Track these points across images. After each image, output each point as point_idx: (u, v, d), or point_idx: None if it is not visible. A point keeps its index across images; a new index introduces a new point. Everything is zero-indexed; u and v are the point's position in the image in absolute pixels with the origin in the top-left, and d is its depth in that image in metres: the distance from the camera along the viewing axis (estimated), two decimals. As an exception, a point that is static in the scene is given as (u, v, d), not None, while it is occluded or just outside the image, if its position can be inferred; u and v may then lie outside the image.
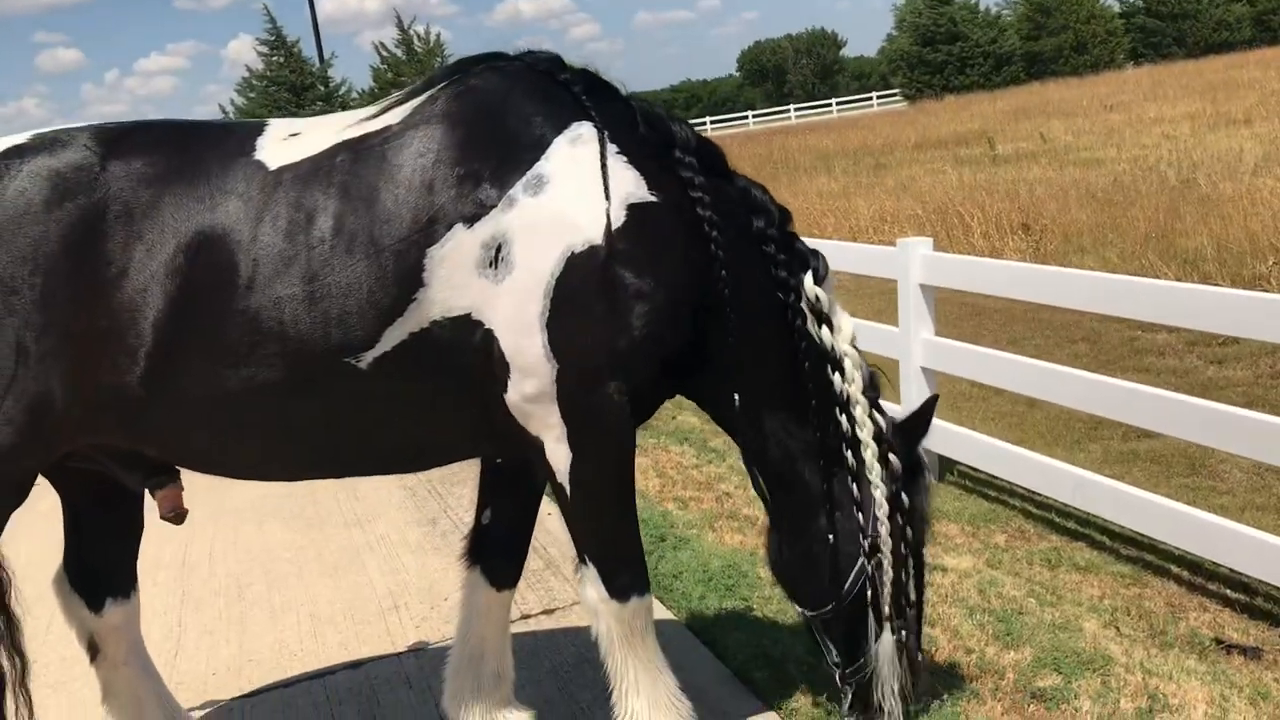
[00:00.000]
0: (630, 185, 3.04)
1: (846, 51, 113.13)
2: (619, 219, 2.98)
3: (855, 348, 3.32)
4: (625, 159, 3.06)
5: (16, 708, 3.31)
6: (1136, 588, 4.81)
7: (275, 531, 6.38)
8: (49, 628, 4.95)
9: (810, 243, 3.45)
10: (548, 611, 4.85)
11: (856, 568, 3.32)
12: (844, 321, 3.31)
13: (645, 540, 5.37)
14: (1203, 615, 4.51)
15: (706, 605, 4.69)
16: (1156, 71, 41.35)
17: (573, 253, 2.95)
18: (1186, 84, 32.15)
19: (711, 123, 66.54)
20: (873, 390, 3.36)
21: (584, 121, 3.08)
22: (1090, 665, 3.96)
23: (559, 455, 3.09)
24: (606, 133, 3.06)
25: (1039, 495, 5.83)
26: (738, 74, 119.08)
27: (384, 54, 46.11)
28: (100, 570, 3.49)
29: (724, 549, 5.32)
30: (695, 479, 6.66)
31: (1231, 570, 4.70)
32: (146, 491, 3.62)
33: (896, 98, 63.06)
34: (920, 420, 3.48)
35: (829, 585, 3.36)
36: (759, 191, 3.34)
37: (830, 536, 3.33)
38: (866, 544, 3.30)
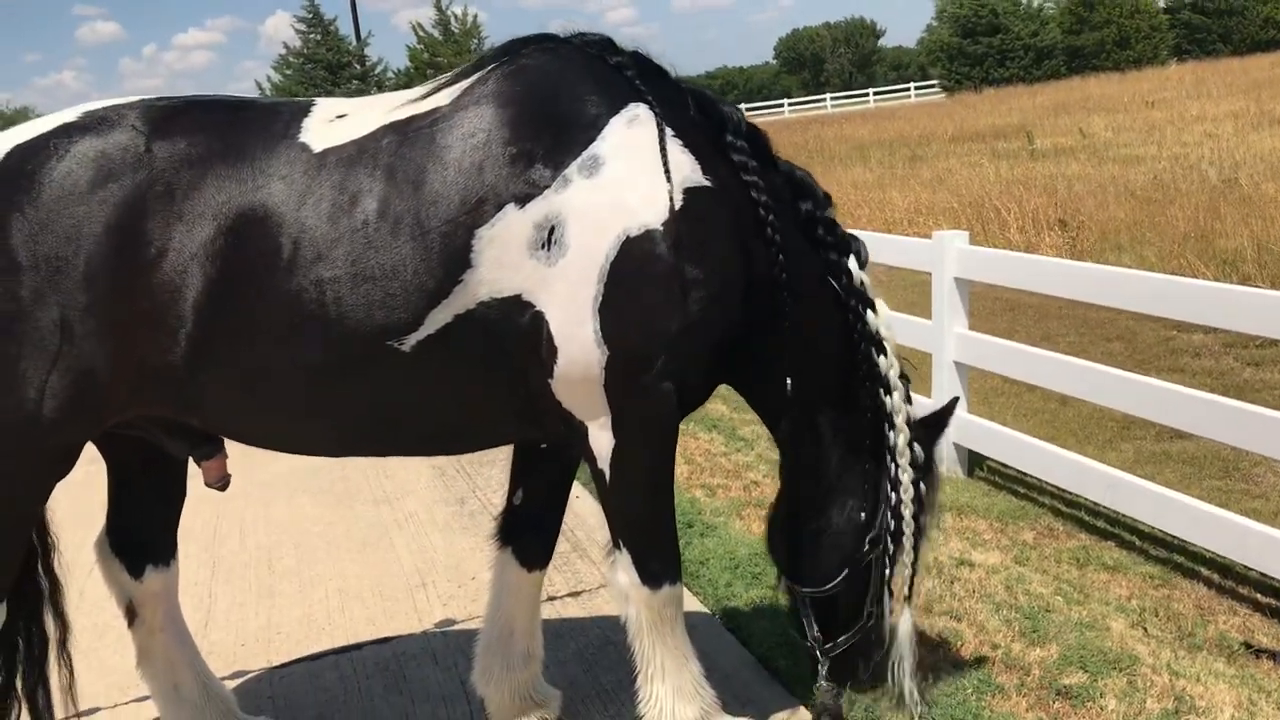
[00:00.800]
0: (687, 169, 3.01)
1: (885, 41, 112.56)
2: (678, 202, 2.95)
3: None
4: (681, 142, 3.04)
5: (59, 670, 3.40)
6: (1165, 589, 4.78)
7: (305, 506, 6.45)
8: (81, 594, 5.03)
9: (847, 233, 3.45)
10: (574, 594, 4.88)
11: (866, 549, 3.38)
12: (880, 307, 3.32)
13: (672, 526, 5.42)
14: (1232, 618, 4.49)
15: (733, 592, 4.71)
16: (1200, 69, 40.80)
17: (629, 237, 2.92)
18: (1231, 82, 31.73)
19: (747, 110, 65.88)
20: (904, 378, 3.38)
21: (639, 103, 3.05)
22: (1117, 665, 3.94)
23: (602, 441, 3.09)
24: (662, 113, 3.04)
25: (1069, 493, 5.81)
26: (774, 61, 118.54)
27: (421, 34, 46.27)
28: (142, 536, 3.53)
29: (751, 537, 5.32)
30: (723, 466, 6.67)
31: (1262, 574, 4.67)
32: (190, 460, 3.66)
33: (934, 89, 62.58)
34: (941, 419, 3.55)
35: (839, 564, 3.41)
36: (804, 175, 3.33)
37: (857, 516, 3.38)
38: (881, 528, 3.36)
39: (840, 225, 3.34)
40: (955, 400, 3.61)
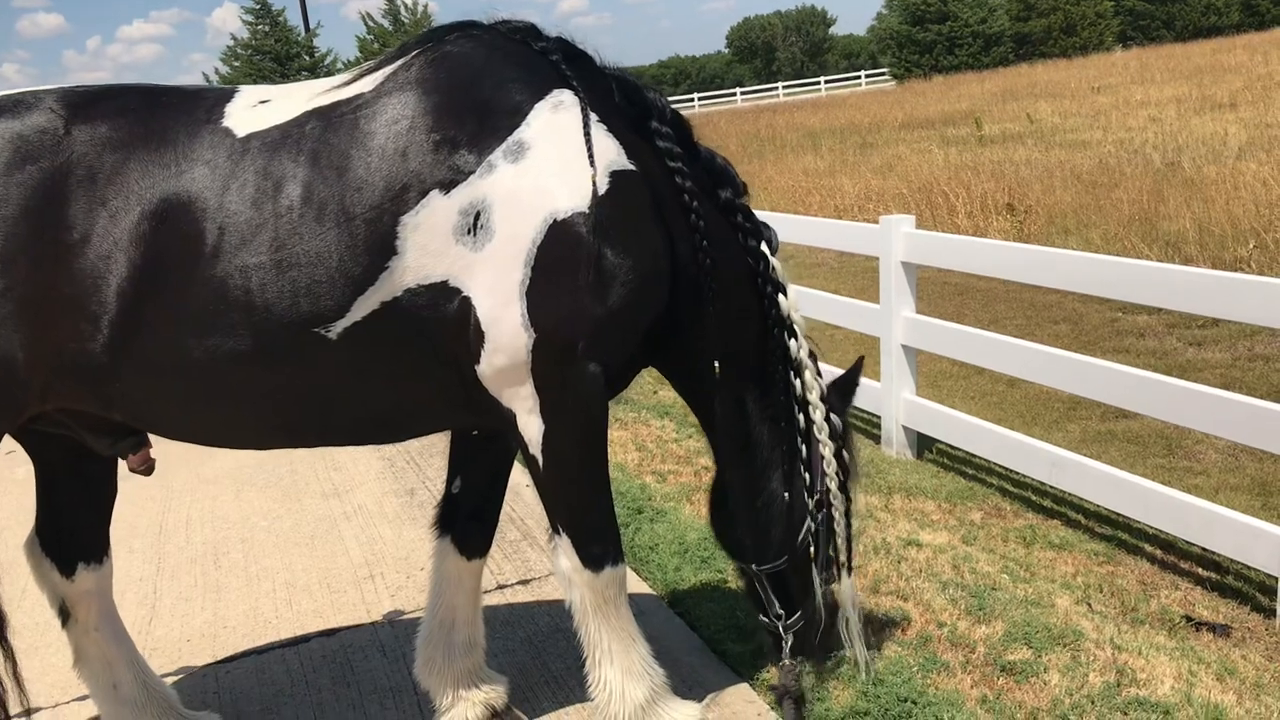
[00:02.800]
0: (612, 153, 3.01)
1: (836, 30, 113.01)
2: (602, 187, 2.95)
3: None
4: (606, 127, 3.04)
5: (4, 663, 3.35)
6: (1109, 565, 4.85)
7: (253, 500, 6.37)
8: (24, 592, 4.94)
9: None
10: (523, 582, 4.85)
11: (807, 522, 3.44)
12: (790, 289, 3.40)
13: (622, 513, 5.42)
14: (1174, 593, 4.56)
15: (681, 577, 4.70)
16: (1145, 54, 41.32)
17: (555, 220, 2.91)
18: (1174, 67, 32.18)
19: (700, 99, 66.32)
20: (813, 355, 3.49)
21: (564, 89, 3.04)
22: (1061, 640, 3.98)
23: (531, 426, 3.07)
24: (587, 98, 3.04)
25: (1016, 473, 5.87)
26: (727, 50, 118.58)
27: (370, 24, 45.81)
28: (72, 535, 3.47)
29: (700, 522, 5.32)
30: (675, 453, 6.67)
31: (1203, 549, 4.75)
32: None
33: (885, 77, 63.00)
34: (851, 381, 3.65)
35: (783, 540, 3.47)
36: (722, 162, 3.36)
37: (786, 494, 3.44)
38: (814, 499, 3.43)
39: (753, 213, 3.40)
40: (861, 360, 3.73)
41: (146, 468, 3.47)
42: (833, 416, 3.47)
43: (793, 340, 3.35)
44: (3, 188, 2.79)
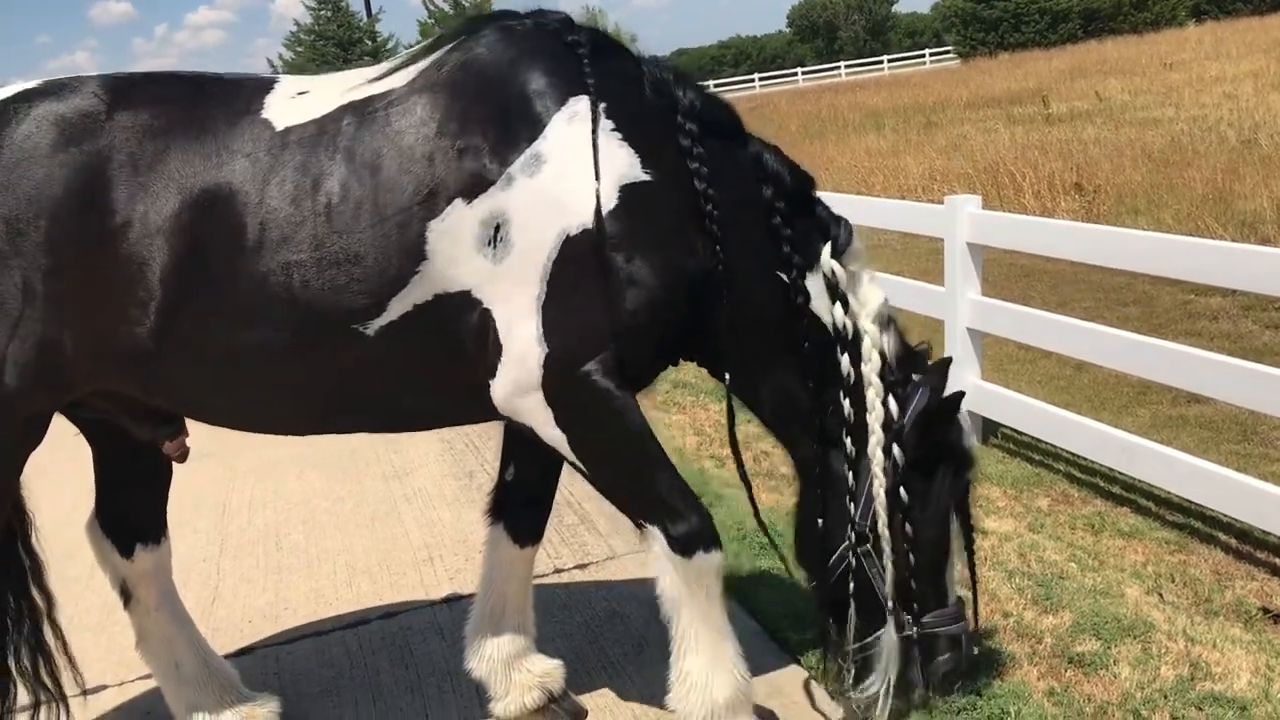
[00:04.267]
0: (623, 165, 2.93)
1: (899, 8, 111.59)
2: (610, 201, 2.89)
3: (888, 323, 3.17)
4: (620, 135, 2.96)
5: (53, 638, 3.43)
6: (1182, 554, 4.72)
7: (314, 482, 6.43)
8: (92, 572, 5.02)
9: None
10: (581, 566, 4.84)
11: (838, 554, 3.22)
12: (869, 294, 3.14)
13: (681, 497, 5.36)
14: (1249, 583, 4.42)
15: (740, 563, 4.65)
16: (1219, 29, 40.15)
17: (567, 236, 2.88)
18: (1251, 41, 31.23)
19: (760, 80, 65.80)
20: (904, 371, 3.18)
21: (581, 96, 2.97)
22: (1131, 632, 3.88)
23: (553, 438, 3.05)
24: (603, 105, 2.96)
25: (1084, 459, 5.73)
26: (788, 30, 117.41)
27: (432, 8, 46.03)
28: (130, 516, 3.53)
29: (760, 508, 5.25)
30: (733, 437, 6.60)
31: (1281, 539, 4.60)
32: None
33: (950, 55, 61.88)
34: (941, 412, 3.19)
35: (816, 564, 3.31)
36: (772, 157, 3.17)
37: (818, 518, 3.24)
38: (854, 533, 3.17)
39: (819, 206, 3.19)
40: (961, 395, 3.26)
41: (181, 454, 3.54)
42: (895, 448, 3.12)
43: (845, 356, 3.11)
44: (48, 170, 2.83)
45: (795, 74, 67.84)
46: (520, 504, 3.60)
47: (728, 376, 3.17)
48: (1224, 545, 4.77)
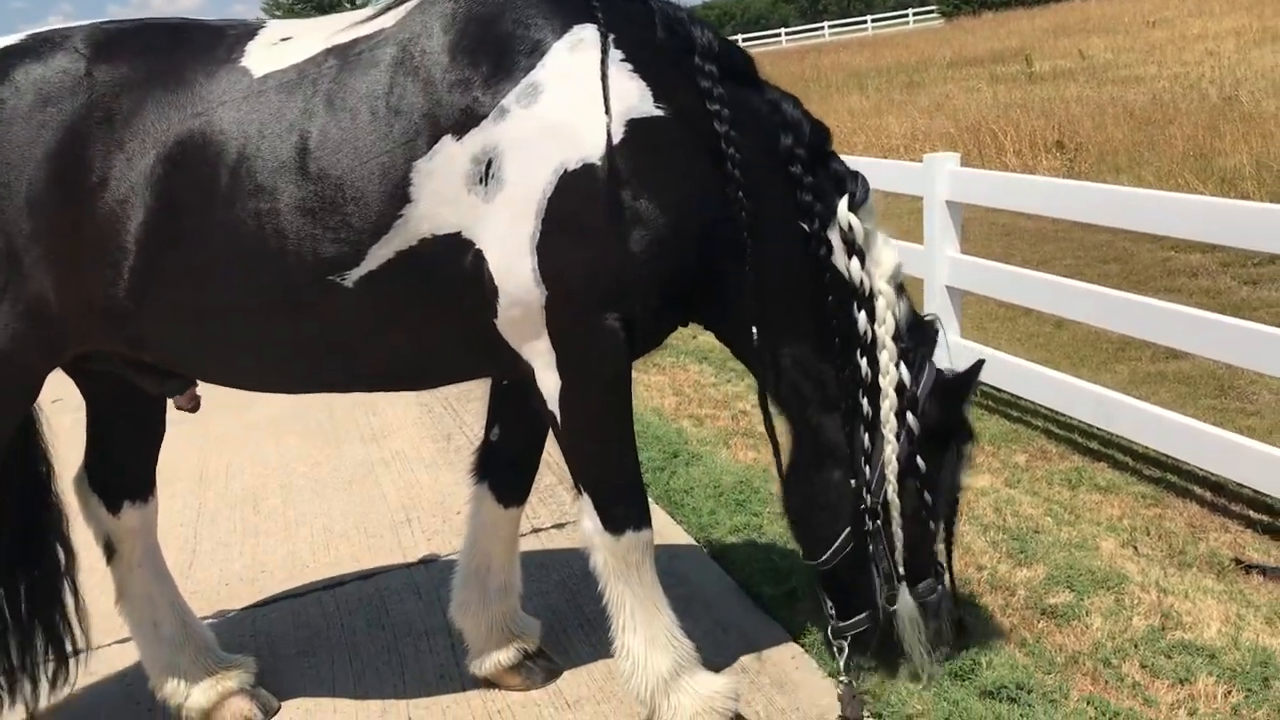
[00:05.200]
0: (634, 98, 2.80)
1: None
2: (619, 135, 2.76)
3: (900, 289, 3.08)
4: (631, 67, 2.83)
5: (72, 594, 3.50)
6: (1157, 508, 4.73)
7: (293, 446, 6.40)
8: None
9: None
10: (559, 525, 4.83)
11: (852, 524, 3.14)
12: (884, 255, 3.03)
13: (658, 457, 5.38)
14: (1223, 535, 4.44)
15: (716, 520, 4.65)
16: (1203, -13, 40.03)
17: (566, 170, 2.75)
18: (1234, -1, 31.15)
19: (743, 39, 65.30)
20: (913, 339, 3.10)
21: (588, 24, 2.84)
22: (1104, 583, 3.89)
23: (549, 382, 2.95)
24: (613, 37, 2.83)
25: (1062, 415, 5.74)
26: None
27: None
28: (120, 473, 3.50)
29: (737, 465, 5.27)
30: (713, 397, 6.60)
31: (1255, 491, 4.62)
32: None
33: (933, 14, 61.56)
34: (963, 382, 3.14)
35: (824, 536, 3.20)
36: (791, 105, 3.03)
37: (831, 488, 3.15)
38: (868, 501, 3.11)
39: (835, 160, 3.08)
40: (981, 362, 3.16)
41: (193, 405, 3.53)
42: (910, 416, 3.04)
43: (863, 313, 3.00)
44: (27, 131, 2.80)
45: (779, 35, 67.38)
46: (504, 465, 3.55)
47: (755, 331, 3.02)
48: (1199, 499, 4.78)
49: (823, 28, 67.20)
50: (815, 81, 26.36)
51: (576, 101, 2.77)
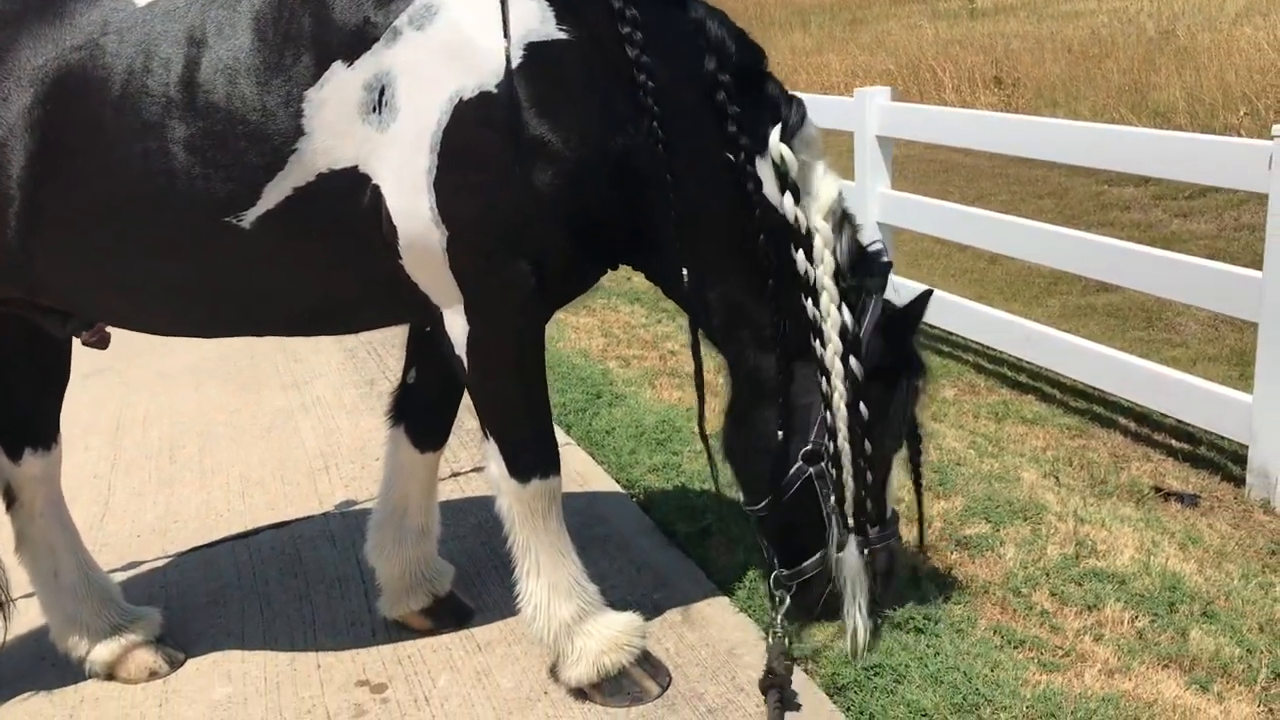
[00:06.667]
0: (535, 19, 2.63)
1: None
2: (518, 60, 2.58)
3: (843, 221, 2.90)
4: None
5: None
6: (1081, 439, 4.74)
7: (211, 394, 6.23)
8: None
9: None
10: (478, 469, 4.73)
11: (795, 469, 3.02)
12: (822, 188, 2.84)
13: (581, 398, 5.30)
14: (1145, 465, 4.46)
15: (636, 460, 4.57)
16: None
17: (461, 99, 2.57)
18: (1175, -65, 31.18)
19: (690, -18, 64.57)
20: (856, 275, 2.92)
21: None
22: (1022, 514, 3.88)
23: (456, 326, 2.82)
24: None
25: (993, 350, 5.73)
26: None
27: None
28: (22, 420, 3.35)
29: (660, 405, 5.19)
30: (641, 338, 6.51)
31: (1178, 421, 4.65)
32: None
33: (880, -46, 61.22)
34: (910, 316, 3.01)
35: (766, 482, 3.07)
36: (716, 24, 2.81)
37: (772, 431, 3.00)
38: (810, 447, 3.00)
39: (771, 84, 2.88)
40: (928, 293, 3.04)
41: (99, 339, 3.38)
42: (853, 359, 2.87)
43: (800, 253, 2.85)
44: None
45: (725, -25, 66.62)
46: (421, 408, 3.42)
47: (685, 272, 2.83)
48: (1123, 429, 4.80)
49: (769, -33, 66.56)
50: (758, 19, 26.01)
51: (473, 23, 2.60)
